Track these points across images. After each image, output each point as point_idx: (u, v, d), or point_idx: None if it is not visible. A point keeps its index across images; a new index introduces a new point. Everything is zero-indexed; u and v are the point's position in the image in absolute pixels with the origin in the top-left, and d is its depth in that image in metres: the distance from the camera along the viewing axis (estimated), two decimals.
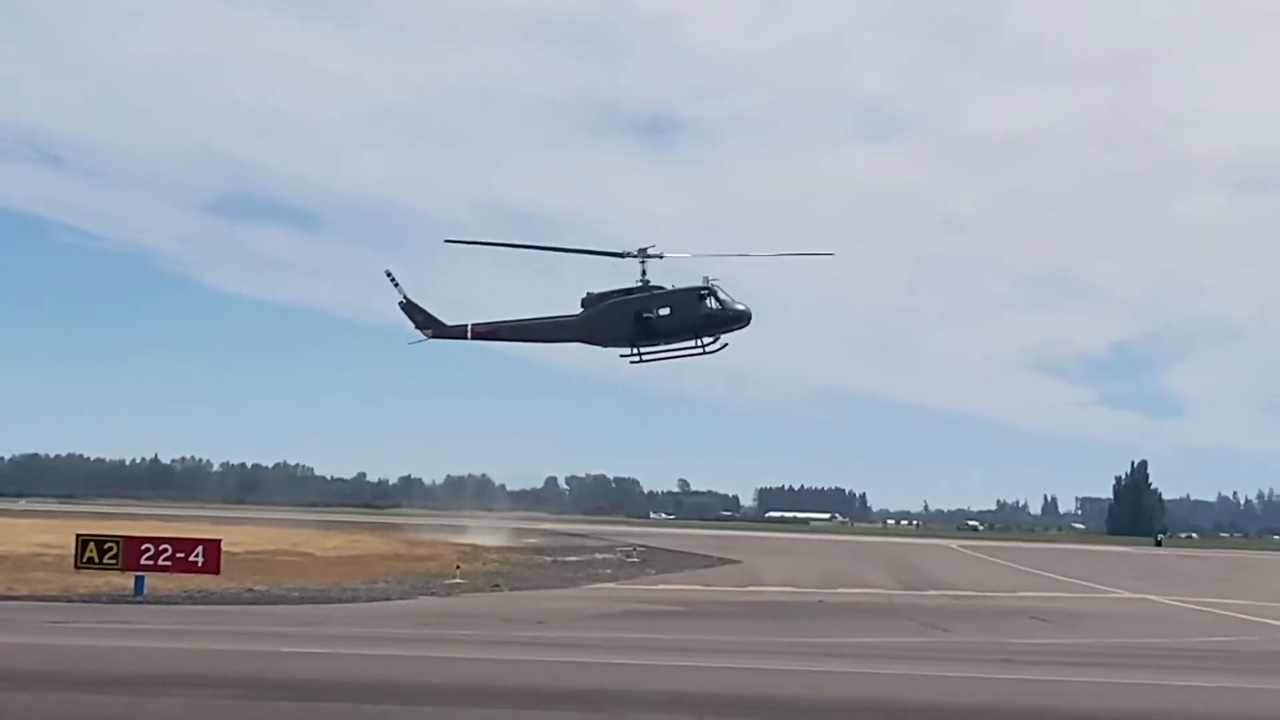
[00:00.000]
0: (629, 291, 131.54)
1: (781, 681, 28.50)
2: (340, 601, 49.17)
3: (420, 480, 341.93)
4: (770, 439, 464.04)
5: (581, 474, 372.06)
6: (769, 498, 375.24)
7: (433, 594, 54.54)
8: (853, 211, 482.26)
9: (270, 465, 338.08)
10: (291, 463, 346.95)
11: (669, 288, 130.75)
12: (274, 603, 47.82)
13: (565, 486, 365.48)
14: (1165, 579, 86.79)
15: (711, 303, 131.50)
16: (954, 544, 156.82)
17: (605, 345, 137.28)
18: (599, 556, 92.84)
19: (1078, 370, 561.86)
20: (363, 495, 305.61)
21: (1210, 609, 58.54)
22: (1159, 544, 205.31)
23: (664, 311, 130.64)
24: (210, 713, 21.76)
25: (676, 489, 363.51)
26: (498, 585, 61.13)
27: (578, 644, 35.61)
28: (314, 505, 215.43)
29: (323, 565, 68.99)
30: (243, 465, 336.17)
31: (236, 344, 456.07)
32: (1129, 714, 24.60)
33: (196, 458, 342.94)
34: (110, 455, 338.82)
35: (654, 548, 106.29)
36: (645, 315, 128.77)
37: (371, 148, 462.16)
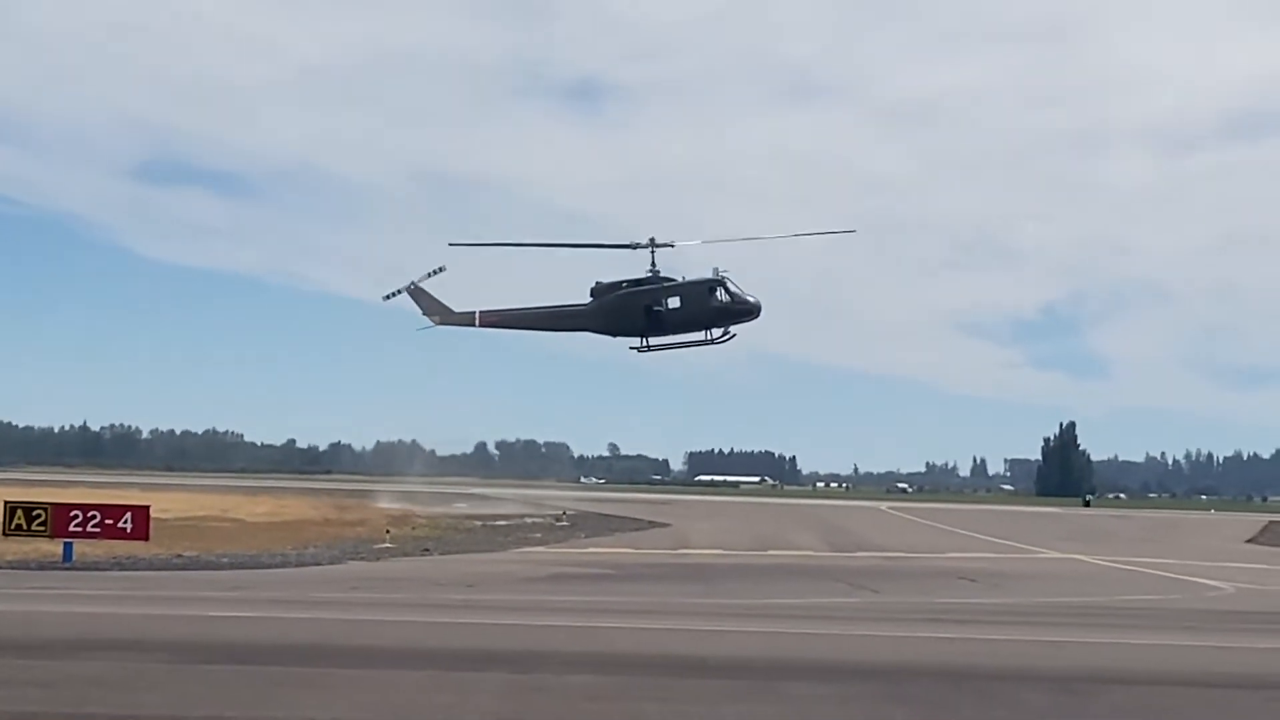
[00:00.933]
0: (639, 282, 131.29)
1: (709, 642, 28.71)
2: (269, 567, 49.15)
3: (350, 446, 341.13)
4: (700, 403, 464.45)
5: (511, 439, 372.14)
6: (699, 461, 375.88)
7: (362, 559, 54.53)
8: (779, 175, 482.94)
9: (200, 432, 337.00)
10: (221, 429, 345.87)
11: (680, 279, 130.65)
12: (203, 568, 47.73)
13: (495, 451, 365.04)
14: (1093, 539, 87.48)
15: (722, 295, 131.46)
16: (883, 506, 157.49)
17: (614, 335, 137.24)
18: (529, 520, 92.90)
19: (1005, 332, 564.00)
20: (292, 461, 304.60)
21: (1137, 568, 59.07)
22: (1087, 504, 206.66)
23: (674, 303, 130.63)
24: (137, 676, 21.77)
25: (606, 453, 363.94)
26: (427, 550, 61.12)
27: (507, 607, 35.72)
28: (244, 472, 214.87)
29: (252, 531, 68.83)
30: (172, 432, 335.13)
31: (164, 310, 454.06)
32: (1056, 671, 24.84)
33: (125, 425, 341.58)
34: (39, 423, 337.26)
35: (584, 511, 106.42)
36: (655, 307, 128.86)
37: (298, 112, 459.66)
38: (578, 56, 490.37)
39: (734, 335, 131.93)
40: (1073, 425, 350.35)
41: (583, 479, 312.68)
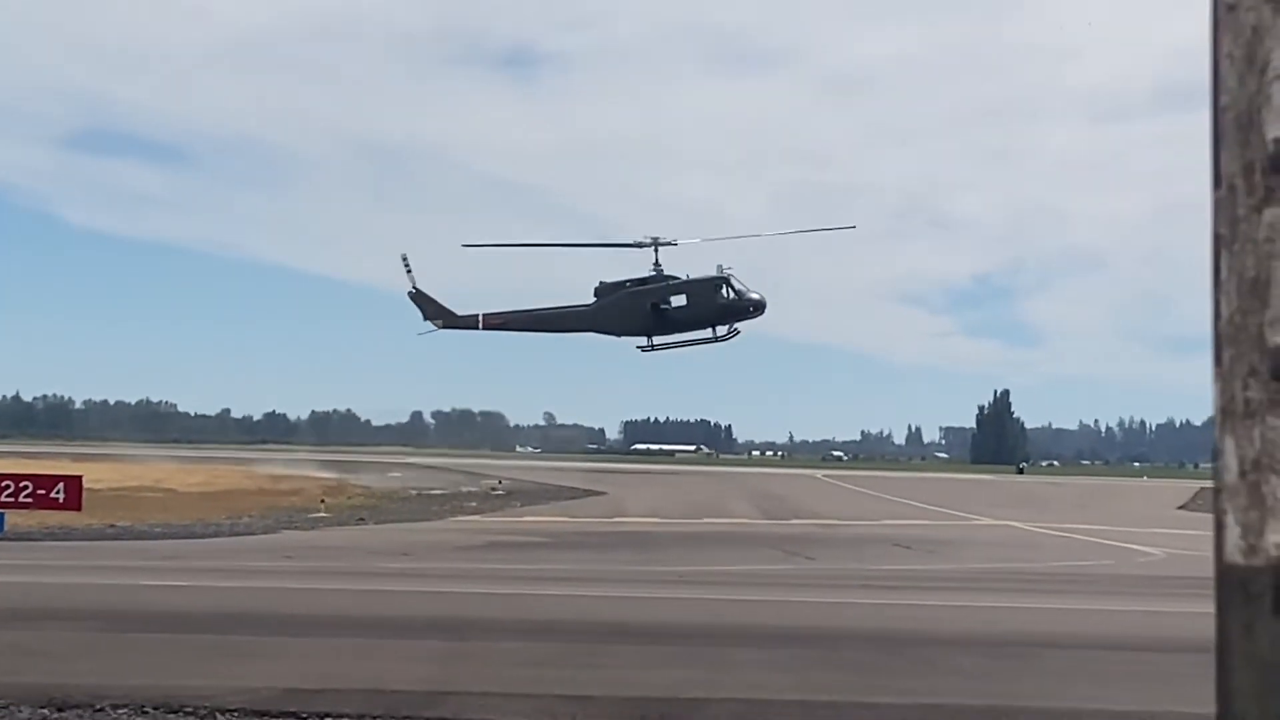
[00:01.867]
0: (643, 281, 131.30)
1: (644, 608, 28.79)
2: (203, 537, 48.99)
3: (285, 416, 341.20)
4: (636, 372, 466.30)
5: (447, 408, 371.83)
6: (634, 430, 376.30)
7: (297, 528, 54.44)
8: (717, 143, 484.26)
9: (133, 403, 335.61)
10: (155, 400, 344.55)
11: (684, 277, 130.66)
12: (136, 538, 47.55)
13: (431, 421, 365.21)
14: (1027, 506, 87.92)
15: (727, 292, 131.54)
16: (819, 474, 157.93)
17: (619, 335, 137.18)
18: (464, 489, 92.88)
19: (940, 301, 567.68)
20: (227, 431, 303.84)
21: (1071, 534, 59.47)
22: (1021, 472, 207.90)
23: (679, 301, 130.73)
24: (71, 645, 21.70)
25: (542, 422, 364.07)
26: (362, 519, 61.07)
27: (442, 574, 35.75)
28: (177, 442, 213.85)
29: (186, 501, 68.61)
30: (105, 403, 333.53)
31: (98, 280, 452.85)
32: (991, 636, 25.01)
33: (59, 396, 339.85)
34: None
35: (520, 480, 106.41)
36: (661, 306, 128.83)
37: (232, 81, 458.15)
38: (512, 25, 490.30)
39: (739, 332, 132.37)
40: (1007, 393, 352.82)
41: (518, 448, 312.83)
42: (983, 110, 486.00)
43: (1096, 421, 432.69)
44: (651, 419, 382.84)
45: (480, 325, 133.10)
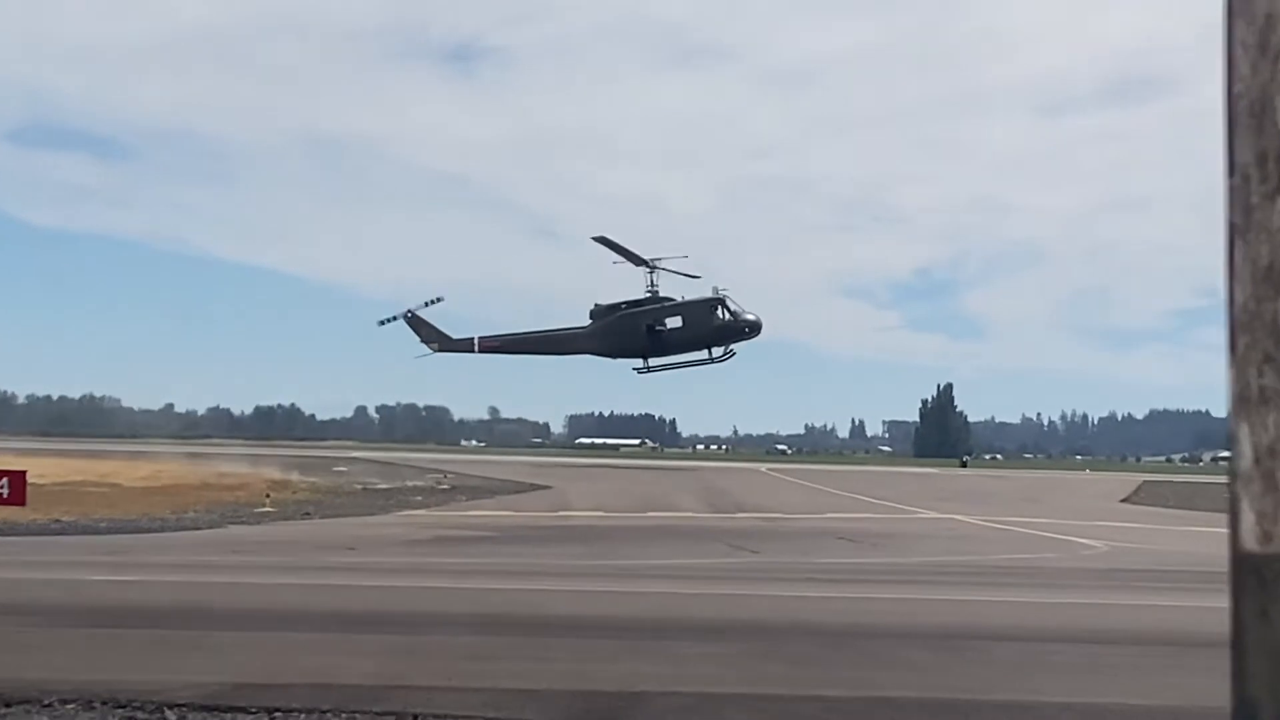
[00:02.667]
0: (639, 303, 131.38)
1: (590, 602, 28.82)
2: (149, 531, 48.82)
3: (229, 411, 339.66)
4: (579, 366, 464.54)
5: (391, 403, 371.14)
6: (579, 424, 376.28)
7: (243, 522, 54.35)
8: (661, 137, 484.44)
9: (77, 397, 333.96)
10: (98, 394, 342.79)
11: (680, 299, 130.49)
12: (81, 533, 47.39)
13: (375, 415, 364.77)
14: (971, 499, 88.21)
15: (723, 313, 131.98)
16: (763, 468, 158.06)
17: (615, 357, 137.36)
18: (410, 484, 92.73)
19: (883, 294, 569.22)
20: (171, 426, 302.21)
21: (1014, 528, 59.69)
22: (964, 465, 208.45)
23: (675, 323, 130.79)
24: (15, 640, 21.65)
25: (487, 416, 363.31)
26: (308, 513, 60.97)
27: (388, 569, 35.71)
28: (121, 437, 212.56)
29: (131, 496, 68.30)
30: (49, 398, 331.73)
31: (39, 274, 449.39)
32: (935, 628, 25.14)
33: (1, 390, 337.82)
34: None
35: (465, 475, 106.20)
36: (657, 327, 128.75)
37: (175, 75, 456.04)
38: (456, 19, 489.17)
39: (735, 354, 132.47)
40: (950, 387, 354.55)
41: (463, 443, 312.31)
42: (926, 104, 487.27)
43: (1039, 415, 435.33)
44: (596, 413, 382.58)
45: (476, 349, 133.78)
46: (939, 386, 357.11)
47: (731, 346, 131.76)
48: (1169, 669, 21.02)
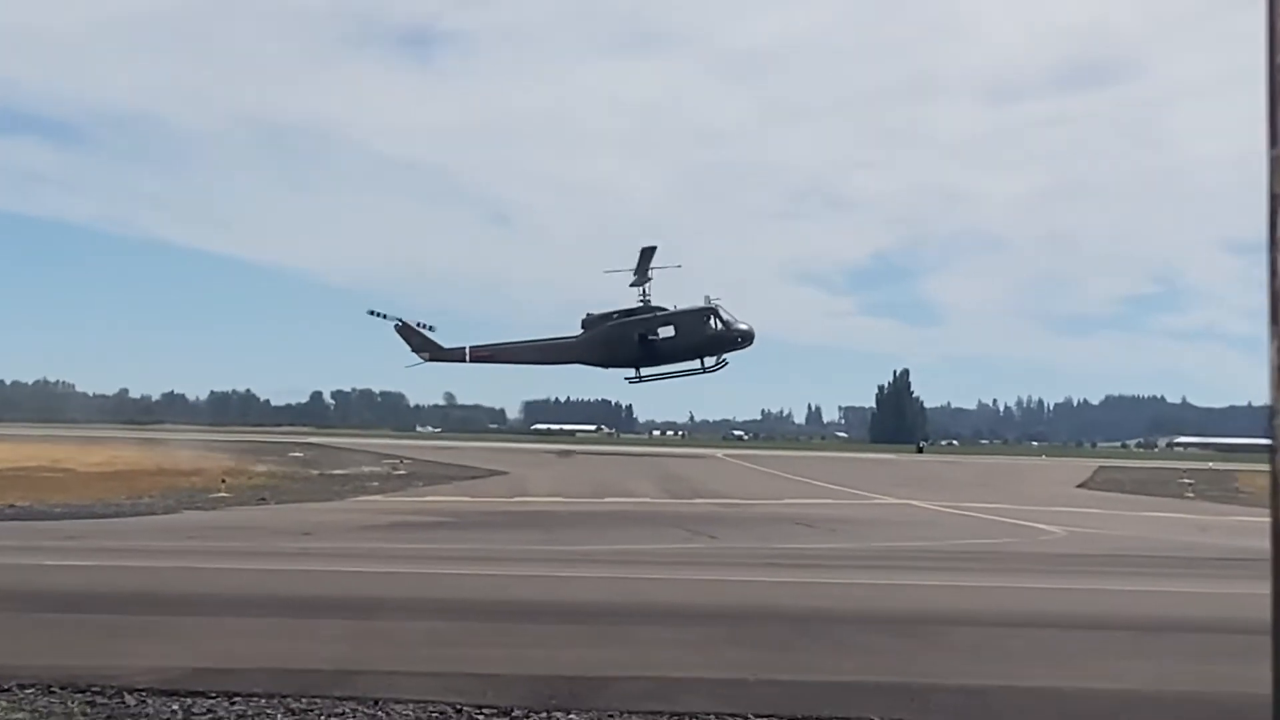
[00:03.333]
0: (631, 313, 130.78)
1: (550, 587, 28.79)
2: (105, 517, 48.58)
3: (184, 396, 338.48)
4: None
5: (347, 388, 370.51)
6: (535, 410, 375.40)
7: (198, 508, 54.11)
8: (615, 123, 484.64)
9: (30, 383, 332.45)
10: (52, 380, 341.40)
11: (672, 308, 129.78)
12: (35, 518, 47.15)
13: (331, 401, 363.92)
14: (927, 485, 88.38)
15: (715, 323, 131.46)
16: (719, 454, 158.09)
17: (607, 367, 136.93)
18: (366, 470, 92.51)
19: (839, 280, 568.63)
20: (125, 411, 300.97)
21: (971, 513, 59.79)
22: (921, 451, 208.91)
23: (668, 333, 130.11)
24: None
25: (443, 402, 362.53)
26: (264, 499, 60.74)
27: (345, 554, 35.60)
28: (75, 422, 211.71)
29: (85, 481, 68.02)
30: (1, 382, 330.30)
31: None
32: (895, 614, 25.18)
33: None
34: None
35: (421, 460, 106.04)
36: (649, 337, 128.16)
37: (128, 59, 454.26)
38: (411, 3, 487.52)
39: (727, 363, 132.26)
40: (906, 373, 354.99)
41: (419, 428, 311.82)
42: (880, 90, 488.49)
43: (995, 401, 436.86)
44: (552, 399, 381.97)
45: (467, 358, 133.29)
46: (895, 372, 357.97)
47: (724, 356, 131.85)
48: (1128, 653, 21.11)
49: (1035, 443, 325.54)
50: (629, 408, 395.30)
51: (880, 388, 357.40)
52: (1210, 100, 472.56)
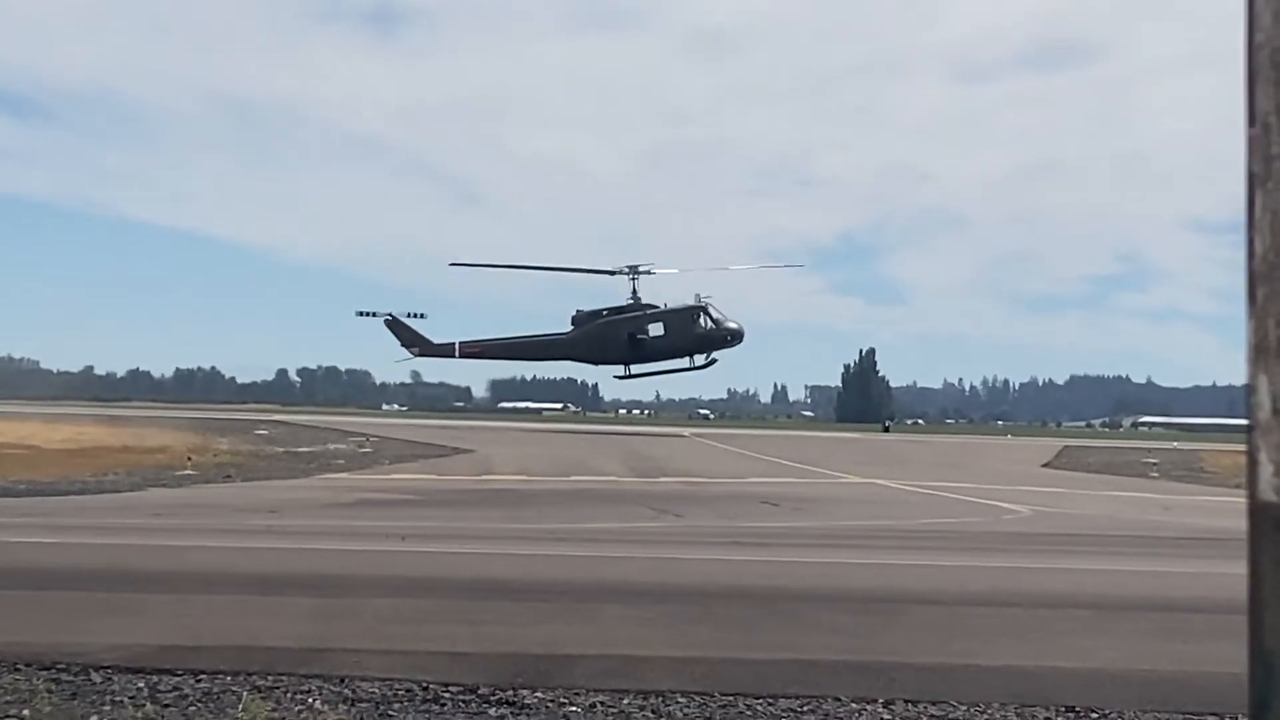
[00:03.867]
0: (620, 310, 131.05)
1: (516, 565, 28.77)
2: (69, 494, 48.44)
3: (149, 373, 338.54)
4: (501, 330, 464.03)
5: (313, 366, 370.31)
6: (501, 388, 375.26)
7: (164, 485, 53.95)
8: (582, 101, 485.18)
9: None
10: (16, 356, 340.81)
11: (662, 306, 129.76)
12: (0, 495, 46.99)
13: (296, 379, 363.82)
14: (893, 464, 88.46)
15: (705, 321, 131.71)
16: (685, 432, 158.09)
17: (597, 364, 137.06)
18: (331, 447, 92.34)
19: (805, 259, 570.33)
20: (90, 388, 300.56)
21: (937, 492, 59.87)
22: (887, 430, 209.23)
23: (657, 331, 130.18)
24: None
25: (409, 380, 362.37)
26: (230, 476, 60.60)
27: (312, 532, 35.57)
28: (39, 399, 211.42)
29: (50, 458, 67.77)
30: None
31: None
32: (861, 592, 25.24)
33: None
34: None
35: (387, 438, 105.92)
36: (639, 335, 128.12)
37: (90, 34, 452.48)
38: None
39: (716, 361, 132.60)
40: (872, 352, 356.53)
41: (385, 406, 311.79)
42: (847, 68, 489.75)
43: (961, 380, 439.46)
44: (518, 377, 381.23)
45: (457, 354, 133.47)
46: (861, 351, 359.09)
47: (715, 355, 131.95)
48: (1093, 632, 21.19)
49: (1000, 422, 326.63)
50: (595, 386, 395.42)
51: (846, 367, 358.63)
52: (1178, 81, 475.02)
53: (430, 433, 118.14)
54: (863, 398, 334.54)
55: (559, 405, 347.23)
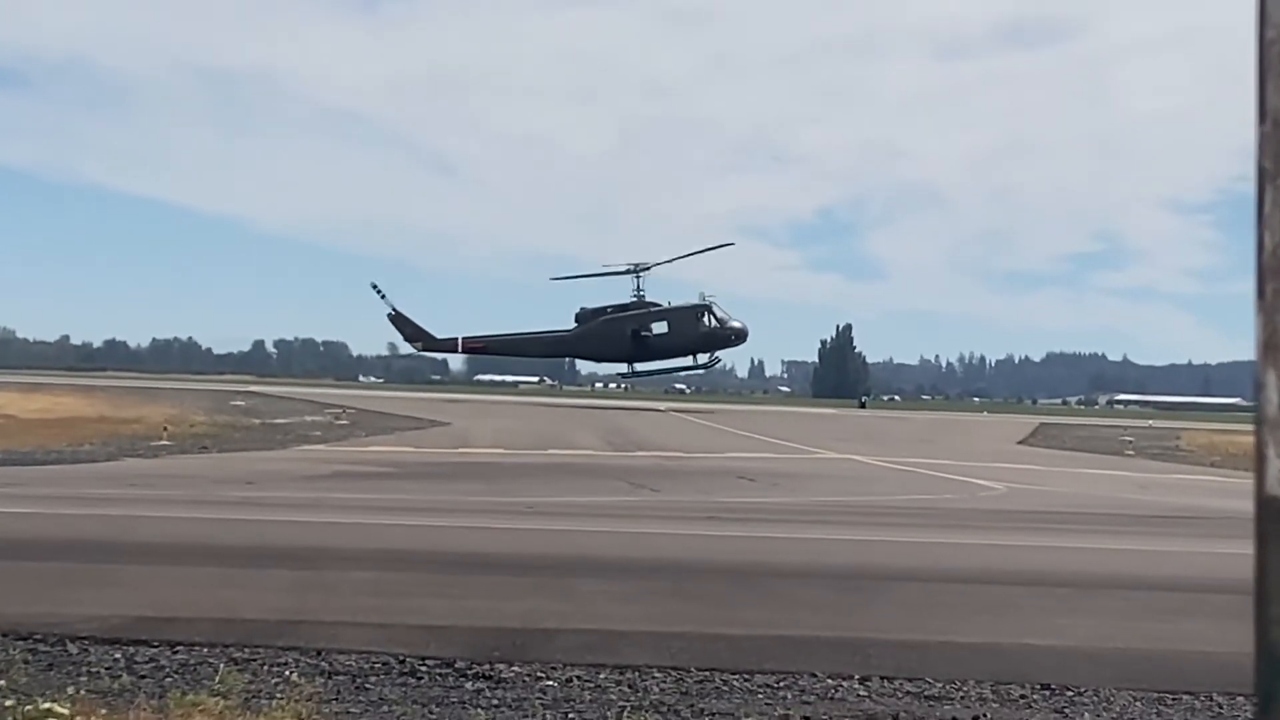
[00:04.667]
0: (625, 308, 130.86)
1: (493, 538, 28.81)
2: (45, 464, 48.35)
3: (125, 343, 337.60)
4: (477, 303, 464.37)
5: (289, 337, 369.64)
6: (477, 362, 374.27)
7: (140, 456, 53.88)
8: (558, 74, 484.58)
9: None
10: None
11: (666, 304, 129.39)
12: None
13: (273, 350, 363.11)
14: (869, 440, 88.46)
15: (709, 320, 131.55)
16: (661, 406, 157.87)
17: (599, 361, 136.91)
18: (308, 419, 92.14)
19: (783, 235, 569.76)
20: (66, 358, 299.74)
21: (913, 468, 59.96)
22: (863, 406, 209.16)
23: (660, 329, 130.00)
24: None
25: (385, 352, 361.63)
26: (205, 447, 60.52)
27: (288, 504, 35.52)
28: (15, 368, 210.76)
29: (25, 428, 67.60)
30: None
31: None
32: (837, 568, 25.31)
33: None
34: None
35: (363, 410, 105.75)
36: (642, 333, 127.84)
37: (68, 3, 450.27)
38: None
39: (720, 360, 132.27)
40: (849, 328, 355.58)
41: (361, 378, 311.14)
42: (824, 44, 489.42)
43: (937, 356, 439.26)
44: None
45: (460, 349, 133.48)
46: (838, 327, 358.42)
47: (718, 355, 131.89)
48: (1067, 609, 21.26)
49: (977, 399, 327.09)
50: (571, 360, 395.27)
51: (823, 342, 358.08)
52: (1155, 59, 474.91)
53: (407, 405, 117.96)
54: (839, 373, 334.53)
55: (535, 379, 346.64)
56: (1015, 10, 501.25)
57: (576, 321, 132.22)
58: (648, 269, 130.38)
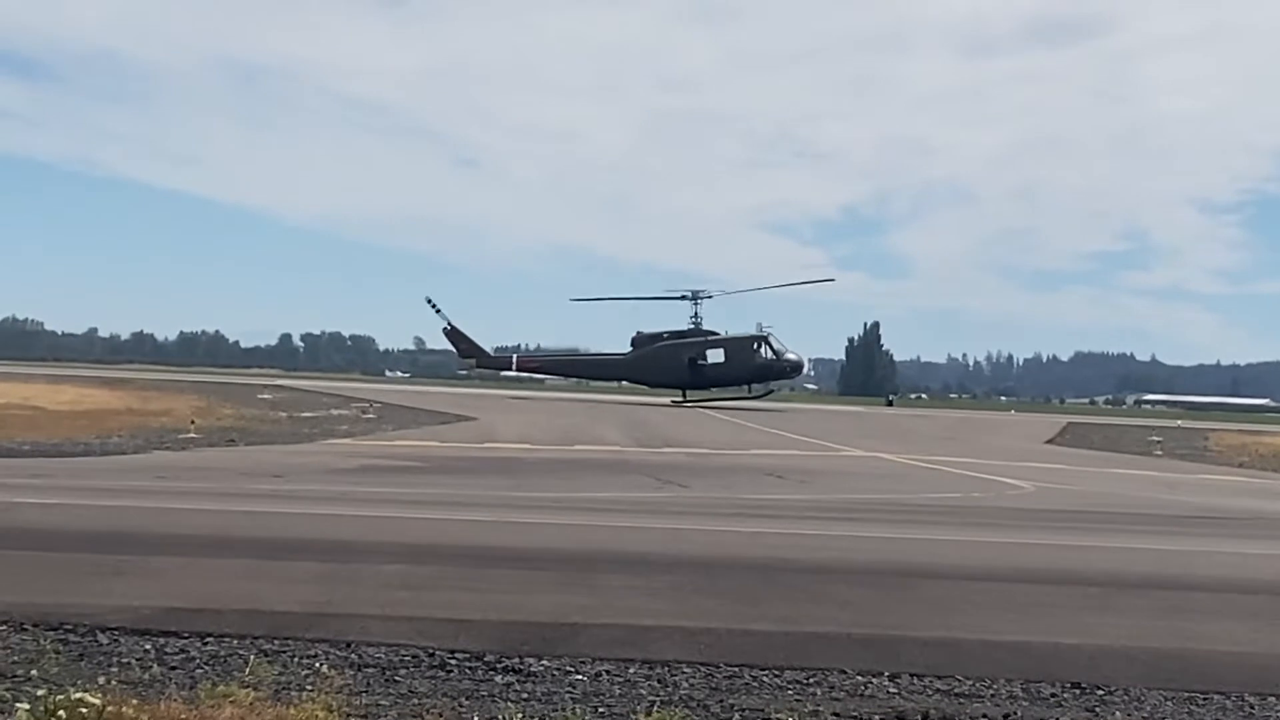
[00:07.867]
0: (681, 334, 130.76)
1: (521, 533, 28.75)
2: (73, 455, 48.41)
3: (153, 336, 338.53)
4: (503, 297, 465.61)
5: (316, 331, 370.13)
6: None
7: (167, 448, 53.90)
8: (582, 68, 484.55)
9: None
10: (21, 317, 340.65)
11: (723, 333, 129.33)
12: (4, 456, 46.94)
13: (300, 343, 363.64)
14: (896, 438, 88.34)
15: (766, 351, 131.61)
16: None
17: (653, 386, 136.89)
18: (335, 413, 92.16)
19: (808, 231, 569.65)
20: (94, 351, 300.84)
21: (940, 466, 59.84)
22: (890, 404, 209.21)
23: (717, 357, 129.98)
24: None
25: (412, 347, 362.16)
26: (233, 440, 60.55)
27: (315, 497, 35.52)
28: (44, 360, 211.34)
29: (54, 420, 67.72)
30: None
31: None
32: (864, 566, 25.26)
33: None
34: None
35: (390, 404, 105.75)
36: (699, 361, 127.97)
37: None
38: None
39: (773, 391, 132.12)
40: (876, 325, 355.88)
41: (388, 372, 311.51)
42: (849, 39, 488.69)
43: (964, 355, 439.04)
44: (521, 345, 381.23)
45: (514, 367, 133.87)
46: (865, 325, 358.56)
47: (772, 385, 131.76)
48: (1097, 608, 21.20)
49: (1004, 398, 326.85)
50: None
51: (850, 340, 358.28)
52: (1183, 57, 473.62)
53: (433, 399, 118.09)
54: (866, 371, 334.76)
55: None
56: (1042, 7, 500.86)
57: (632, 345, 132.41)
58: (709, 296, 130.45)
